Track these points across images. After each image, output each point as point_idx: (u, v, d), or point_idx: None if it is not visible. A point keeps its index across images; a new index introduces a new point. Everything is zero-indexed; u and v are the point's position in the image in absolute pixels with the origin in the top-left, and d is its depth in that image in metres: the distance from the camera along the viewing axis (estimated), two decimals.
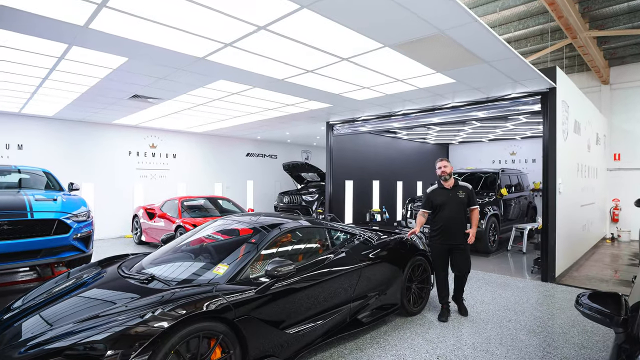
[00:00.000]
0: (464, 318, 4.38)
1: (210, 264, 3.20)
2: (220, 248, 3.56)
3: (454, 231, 4.28)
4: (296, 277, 3.11)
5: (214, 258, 3.31)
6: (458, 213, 4.29)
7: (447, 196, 4.31)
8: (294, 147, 15.49)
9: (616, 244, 10.03)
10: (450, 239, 4.29)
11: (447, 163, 4.40)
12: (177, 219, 7.94)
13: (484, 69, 4.95)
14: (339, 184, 9.98)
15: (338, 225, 4.35)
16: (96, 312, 2.46)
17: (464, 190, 4.36)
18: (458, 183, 4.41)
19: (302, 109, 7.86)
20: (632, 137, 10.50)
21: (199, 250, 3.61)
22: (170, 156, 11.66)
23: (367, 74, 5.29)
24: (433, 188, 4.49)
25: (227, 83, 5.83)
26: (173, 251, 3.66)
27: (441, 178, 4.39)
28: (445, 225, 4.29)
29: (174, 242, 3.91)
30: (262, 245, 3.20)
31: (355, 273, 3.67)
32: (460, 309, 4.50)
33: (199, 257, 3.44)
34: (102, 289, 2.97)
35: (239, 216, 4.24)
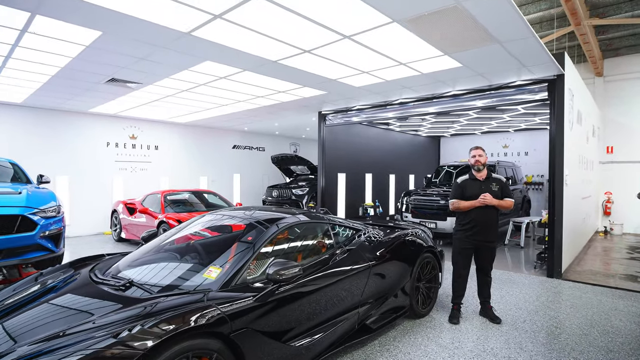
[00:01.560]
0: (476, 319, 4.05)
1: (199, 266, 2.74)
2: (211, 247, 3.10)
3: (485, 227, 3.90)
4: (301, 280, 2.69)
5: (203, 259, 2.85)
6: (490, 209, 3.89)
7: (480, 188, 3.91)
8: (282, 139, 14.98)
9: (609, 237, 9.96)
10: (480, 235, 3.91)
11: (482, 152, 3.99)
12: (159, 214, 7.39)
13: (495, 51, 4.60)
14: (331, 177, 9.57)
15: (340, 220, 3.94)
16: (61, 329, 1.99)
17: (498, 183, 3.96)
18: (491, 175, 4.02)
19: (294, 97, 7.39)
20: (626, 130, 10.42)
21: (186, 250, 3.15)
22: (152, 148, 11.02)
23: (368, 55, 4.87)
24: (464, 178, 4.08)
25: (215, 65, 5.31)
26: (155, 251, 3.19)
27: (474, 168, 4.00)
28: (475, 221, 3.90)
29: (157, 240, 3.43)
30: (260, 243, 2.76)
31: (363, 273, 3.27)
32: (492, 318, 3.99)
33: (185, 258, 2.98)
34: (71, 297, 2.48)
35: (231, 210, 3.78)
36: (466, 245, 3.97)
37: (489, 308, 4.07)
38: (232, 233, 3.14)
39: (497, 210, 3.95)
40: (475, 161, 3.97)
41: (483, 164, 3.96)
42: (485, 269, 4.03)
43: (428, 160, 14.03)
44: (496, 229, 4.01)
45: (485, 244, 3.94)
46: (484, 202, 3.80)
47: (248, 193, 13.67)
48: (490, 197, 3.82)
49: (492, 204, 3.84)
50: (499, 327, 3.85)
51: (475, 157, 3.97)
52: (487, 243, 3.93)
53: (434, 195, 8.39)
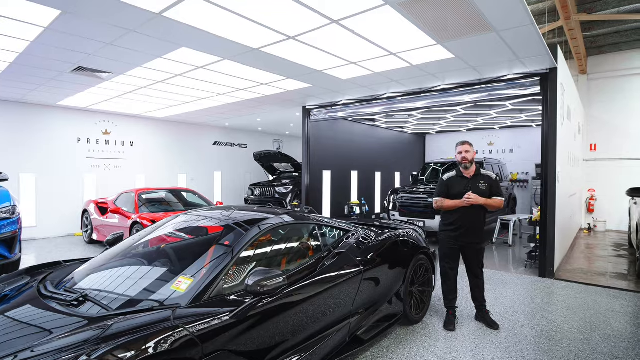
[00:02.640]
0: (472, 325, 3.80)
1: (168, 276, 2.37)
2: (182, 253, 2.73)
3: (470, 228, 3.65)
4: (286, 290, 2.36)
5: (173, 267, 2.48)
6: (477, 207, 3.62)
7: (466, 187, 3.64)
8: (265, 135, 14.56)
9: (592, 234, 9.99)
10: (465, 236, 3.66)
11: (470, 147, 3.69)
12: (133, 214, 6.91)
13: (490, 40, 4.35)
14: (315, 175, 9.25)
15: (328, 220, 3.63)
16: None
17: (486, 181, 3.68)
18: (480, 172, 3.73)
19: (278, 90, 7.02)
20: (609, 128, 10.47)
21: (154, 257, 2.77)
22: (127, 144, 10.44)
23: (357, 44, 4.55)
24: (450, 175, 3.80)
25: (191, 53, 4.90)
26: (120, 257, 2.79)
27: (461, 165, 3.70)
28: (460, 221, 3.64)
29: (122, 244, 3.03)
30: (238, 248, 2.41)
31: (355, 280, 2.96)
32: (489, 323, 3.73)
33: (153, 265, 2.60)
34: (12, 315, 2.08)
35: (208, 210, 3.40)
36: (452, 245, 3.72)
37: (486, 313, 3.82)
38: (207, 236, 2.78)
39: (485, 210, 3.68)
40: (462, 158, 3.67)
41: (471, 161, 3.68)
42: (474, 270, 3.78)
43: (414, 157, 13.88)
44: (482, 230, 3.75)
45: (471, 245, 3.68)
46: (468, 203, 3.53)
47: (230, 191, 13.21)
48: (476, 197, 3.54)
49: (478, 203, 3.56)
50: (497, 333, 3.61)
51: (462, 153, 3.65)
52: (473, 244, 3.68)
53: (421, 193, 8.18)
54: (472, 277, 3.81)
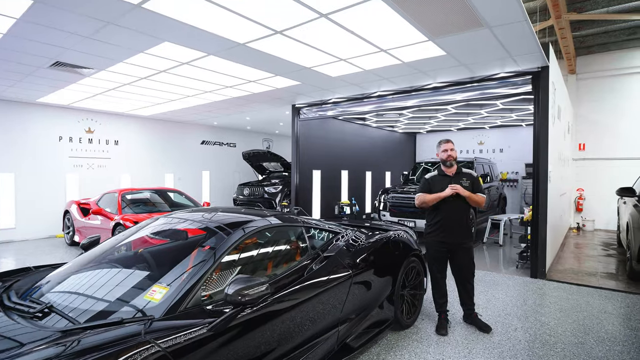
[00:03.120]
0: (465, 329, 3.69)
1: (144, 284, 2.20)
2: (160, 259, 2.55)
3: (455, 227, 3.58)
4: (270, 298, 2.21)
5: (149, 274, 2.31)
6: (461, 206, 3.58)
7: (450, 184, 3.58)
8: (254, 135, 14.35)
9: (581, 233, 10.03)
10: (450, 236, 3.58)
11: (453, 146, 3.67)
12: (116, 215, 6.68)
13: (482, 36, 4.26)
14: (305, 174, 9.10)
15: (316, 222, 3.49)
16: None
17: (469, 178, 3.67)
18: (462, 170, 3.72)
19: (266, 87, 6.85)
20: (597, 127, 10.51)
21: (130, 262, 2.59)
22: (112, 143, 10.15)
23: (347, 39, 4.42)
24: (433, 174, 3.76)
25: (175, 47, 4.71)
26: (94, 263, 2.61)
27: (445, 163, 3.65)
28: (445, 220, 3.58)
29: (97, 249, 2.84)
30: (219, 253, 2.26)
31: (344, 285, 2.82)
32: (480, 327, 3.65)
33: (128, 272, 2.42)
34: None
35: (190, 212, 3.23)
36: (439, 247, 3.63)
37: (475, 316, 3.74)
38: (187, 241, 2.61)
39: (469, 208, 3.64)
40: (447, 156, 3.63)
41: (455, 159, 3.66)
42: (465, 275, 3.65)
43: (404, 157, 13.82)
44: (469, 228, 3.69)
45: (460, 246, 3.59)
46: (453, 192, 3.46)
47: (218, 191, 12.99)
48: (461, 187, 3.51)
49: (464, 194, 3.50)
50: (490, 337, 3.51)
51: (447, 151, 3.62)
52: (461, 244, 3.59)
53: (412, 193, 8.08)
54: (462, 281, 3.70)
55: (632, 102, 9.91)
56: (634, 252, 5.11)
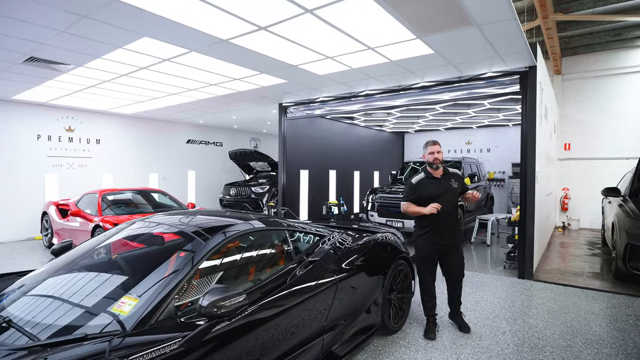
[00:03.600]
0: (453, 333, 3.63)
1: (115, 294, 2.06)
2: (131, 267, 2.40)
3: (447, 228, 3.51)
4: (249, 308, 2.08)
5: (119, 284, 2.16)
6: (452, 206, 3.55)
7: (439, 186, 3.52)
8: (241, 134, 14.14)
9: (567, 232, 10.12)
10: (442, 238, 3.52)
11: (440, 147, 3.59)
12: (95, 217, 6.45)
13: (471, 35, 4.19)
14: (292, 174, 8.97)
15: (302, 225, 3.37)
16: None
17: (456, 178, 3.62)
18: (448, 171, 3.65)
19: (252, 85, 6.70)
20: (582, 128, 10.61)
21: (101, 271, 2.43)
22: (93, 142, 9.86)
23: (333, 37, 4.31)
24: (419, 178, 3.64)
25: (155, 43, 4.53)
26: (62, 272, 2.44)
27: (432, 166, 3.57)
28: (436, 222, 3.49)
29: (68, 255, 2.68)
30: (196, 261, 2.12)
31: (329, 291, 2.71)
32: (461, 326, 3.69)
33: (98, 281, 2.27)
34: None
35: (168, 215, 3.07)
36: (430, 250, 3.56)
37: (459, 315, 3.75)
38: (161, 247, 2.47)
39: (457, 208, 3.64)
40: (434, 159, 3.53)
41: (441, 161, 3.58)
42: (456, 276, 3.61)
43: (392, 156, 13.79)
44: (459, 229, 3.67)
45: (451, 247, 3.55)
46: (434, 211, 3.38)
47: (205, 191, 12.75)
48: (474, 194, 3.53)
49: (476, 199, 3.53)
50: (479, 341, 3.45)
51: (434, 153, 3.52)
52: (453, 245, 3.55)
53: (399, 193, 8.02)
54: (452, 282, 3.66)
55: (616, 102, 10.03)
56: (620, 252, 5.13)
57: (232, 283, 2.32)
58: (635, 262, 4.91)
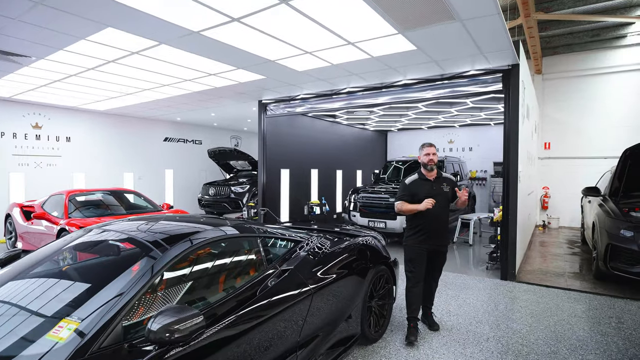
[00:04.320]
0: (436, 340, 3.48)
1: (54, 316, 1.80)
2: (79, 283, 2.13)
3: (437, 230, 3.54)
4: (211, 328, 1.86)
5: (62, 304, 1.90)
6: (443, 210, 3.56)
7: (431, 189, 3.53)
8: (221, 131, 13.78)
9: (547, 231, 10.20)
10: (432, 239, 3.53)
11: (435, 149, 3.59)
12: (61, 220, 6.07)
13: (454, 30, 4.05)
14: (273, 173, 8.72)
15: (277, 230, 3.16)
16: None
17: (449, 183, 3.63)
18: (442, 174, 3.67)
19: (229, 81, 6.43)
20: (562, 127, 10.71)
21: (44, 288, 2.16)
22: (63, 139, 9.38)
23: (311, 30, 4.09)
24: (413, 179, 3.64)
25: (120, 35, 4.23)
26: (2, 288, 2.16)
27: (427, 167, 3.57)
28: (428, 225, 3.50)
29: (12, 267, 2.39)
30: (151, 275, 1.89)
31: (303, 303, 2.51)
32: (431, 324, 3.75)
33: (38, 301, 2.00)
34: None
35: (129, 221, 2.81)
36: (419, 253, 3.55)
37: (429, 314, 3.80)
38: (115, 258, 2.22)
39: (448, 213, 3.69)
40: (429, 160, 3.55)
41: (436, 163, 3.59)
42: (435, 275, 3.74)
43: (375, 155, 13.68)
44: (447, 232, 3.70)
45: (438, 248, 3.59)
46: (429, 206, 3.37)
47: (183, 191, 12.36)
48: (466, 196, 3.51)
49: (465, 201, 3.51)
50: (462, 349, 3.31)
51: (429, 155, 3.56)
52: (440, 247, 3.60)
53: (383, 193, 7.89)
54: (430, 280, 3.74)
55: (596, 102, 10.15)
56: (601, 252, 5.10)
57: (195, 299, 2.09)
58: (616, 263, 4.88)
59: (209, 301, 2.09)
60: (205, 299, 2.11)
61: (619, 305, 4.46)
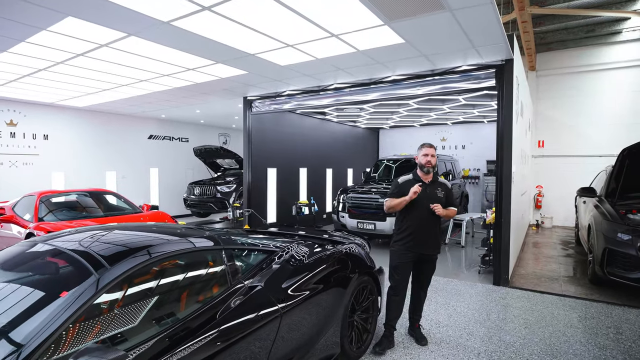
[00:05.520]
0: (424, 355, 3.22)
1: None
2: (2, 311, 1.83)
3: (426, 237, 3.32)
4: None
5: None
6: (434, 215, 3.28)
7: (425, 192, 3.28)
8: (209, 129, 13.41)
9: (540, 230, 10.02)
10: (420, 246, 3.31)
11: (435, 151, 3.35)
12: (30, 223, 5.73)
13: (443, 21, 3.77)
14: (259, 173, 8.41)
15: (247, 240, 2.87)
16: None
17: (444, 189, 3.41)
18: (437, 179, 3.43)
19: (209, 77, 6.10)
20: (556, 124, 10.51)
21: None
22: (40, 137, 8.98)
23: (290, 20, 3.79)
24: (407, 179, 3.41)
25: (83, 25, 3.89)
26: None
27: (423, 169, 3.33)
28: (417, 229, 3.28)
29: None
30: (82, 302, 1.59)
31: (271, 324, 2.23)
32: (418, 338, 3.49)
33: None
34: None
35: (77, 233, 2.50)
36: (404, 259, 3.32)
37: (417, 327, 3.56)
38: (47, 279, 1.91)
39: (440, 219, 3.40)
40: (427, 161, 3.32)
41: (433, 166, 3.34)
42: (423, 284, 3.52)
43: (367, 153, 13.41)
44: (439, 240, 3.45)
45: (427, 257, 3.36)
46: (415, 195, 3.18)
47: (169, 189, 12.00)
48: (440, 208, 3.24)
49: (440, 214, 3.26)
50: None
51: (427, 156, 3.33)
52: (429, 254, 3.36)
53: (373, 193, 7.62)
54: (418, 291, 3.52)
55: (590, 99, 9.95)
56: (597, 256, 4.87)
57: (138, 329, 1.79)
58: (613, 268, 4.66)
59: (155, 330, 1.80)
60: (150, 328, 1.82)
61: (616, 313, 4.24)
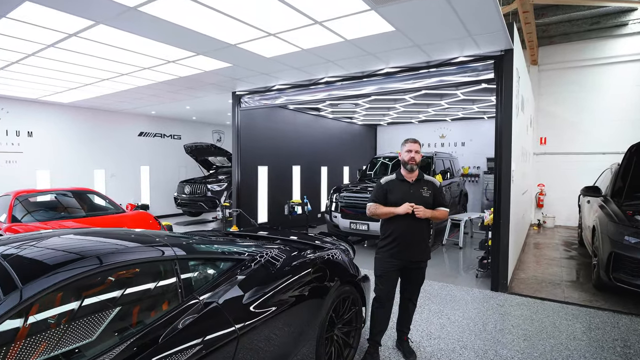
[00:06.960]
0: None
1: None
2: None
3: (412, 242, 2.99)
4: None
5: None
6: (422, 219, 2.95)
7: (408, 192, 3.00)
8: (202, 126, 13.11)
9: (542, 230, 9.70)
10: (406, 253, 2.99)
11: (419, 147, 3.04)
12: (4, 225, 5.44)
13: (436, 6, 3.44)
14: (249, 171, 8.12)
15: (215, 246, 2.57)
16: None
17: (430, 188, 3.07)
18: (423, 177, 3.12)
19: (192, 70, 5.79)
20: (558, 121, 10.16)
21: None
22: (24, 134, 8.70)
23: (270, 6, 3.47)
24: (390, 179, 3.13)
25: (42, 10, 3.58)
26: None
27: (406, 166, 3.03)
28: (401, 234, 2.97)
29: None
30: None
31: (224, 350, 1.92)
32: (406, 353, 3.18)
33: None
34: None
35: (23, 238, 2.21)
36: (389, 267, 3.02)
37: (405, 340, 3.26)
38: None
39: (429, 221, 3.07)
40: (410, 158, 3.01)
41: (417, 163, 3.03)
42: (412, 293, 3.21)
43: (364, 150, 13.08)
44: (427, 245, 3.12)
45: (415, 264, 3.03)
46: (409, 211, 2.88)
47: (161, 187, 11.70)
48: (424, 211, 2.91)
49: (425, 216, 2.93)
50: None
51: (410, 152, 3.03)
52: (416, 262, 3.03)
53: (367, 192, 7.30)
54: (405, 299, 3.20)
55: (594, 95, 9.59)
56: (603, 261, 4.55)
57: (66, 355, 1.49)
58: (619, 273, 4.34)
59: (88, 355, 1.50)
60: (82, 353, 1.52)
61: (623, 323, 3.93)
